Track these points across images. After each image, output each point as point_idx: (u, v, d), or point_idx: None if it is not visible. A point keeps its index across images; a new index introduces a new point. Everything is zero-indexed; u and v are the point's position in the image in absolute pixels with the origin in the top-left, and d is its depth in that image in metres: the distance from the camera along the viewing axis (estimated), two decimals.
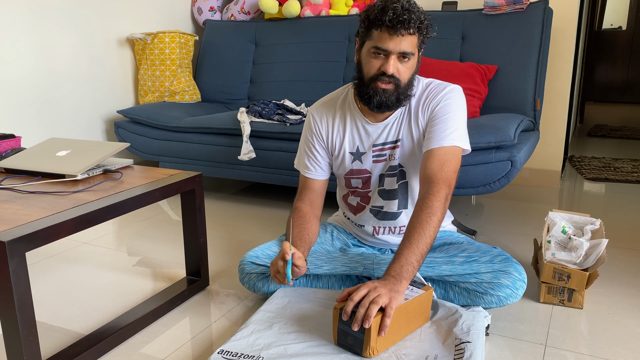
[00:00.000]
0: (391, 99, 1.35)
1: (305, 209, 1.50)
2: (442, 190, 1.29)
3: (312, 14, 3.00)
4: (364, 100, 1.38)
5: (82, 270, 1.78)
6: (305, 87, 2.90)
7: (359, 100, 1.42)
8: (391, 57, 1.30)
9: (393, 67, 1.31)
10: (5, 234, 1.04)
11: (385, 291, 1.13)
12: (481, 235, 2.07)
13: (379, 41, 1.30)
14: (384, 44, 1.29)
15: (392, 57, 1.30)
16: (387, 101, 1.35)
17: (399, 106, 1.39)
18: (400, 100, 1.37)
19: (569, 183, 2.90)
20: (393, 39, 1.28)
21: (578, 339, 1.33)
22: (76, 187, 1.38)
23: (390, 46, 1.29)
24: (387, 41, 1.29)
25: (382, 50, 1.30)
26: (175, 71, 2.95)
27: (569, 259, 1.47)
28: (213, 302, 1.55)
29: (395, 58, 1.31)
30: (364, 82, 1.36)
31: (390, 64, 1.30)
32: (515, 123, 2.02)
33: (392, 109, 1.39)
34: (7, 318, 1.05)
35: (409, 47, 1.30)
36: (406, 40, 1.29)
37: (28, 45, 2.43)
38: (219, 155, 2.46)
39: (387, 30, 1.28)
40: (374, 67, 1.33)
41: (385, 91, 1.34)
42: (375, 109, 1.38)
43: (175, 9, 3.26)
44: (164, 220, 2.30)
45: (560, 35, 2.67)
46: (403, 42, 1.29)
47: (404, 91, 1.36)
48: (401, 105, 1.39)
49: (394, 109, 1.40)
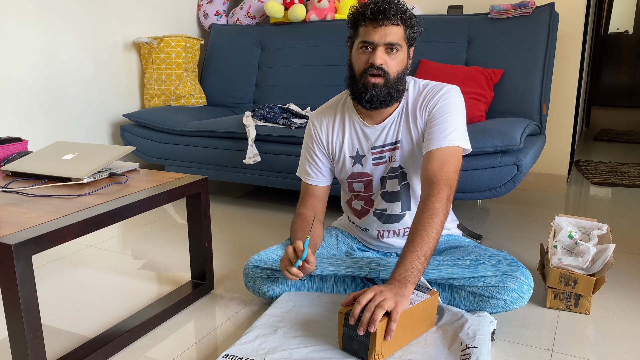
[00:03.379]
0: (382, 94, 1.35)
1: (308, 214, 1.50)
2: (443, 191, 1.28)
3: (318, 18, 3.00)
4: (356, 97, 1.39)
5: (88, 274, 1.78)
6: (311, 91, 2.91)
7: (352, 99, 1.43)
8: (378, 49, 1.32)
9: (380, 58, 1.32)
10: (11, 237, 1.04)
11: (390, 295, 1.13)
12: (487, 240, 2.06)
13: (364, 35, 1.33)
14: (369, 37, 1.32)
15: (378, 48, 1.32)
16: (377, 96, 1.35)
17: (391, 102, 1.39)
18: (391, 95, 1.37)
19: (575, 188, 2.89)
20: (377, 31, 1.31)
21: (585, 344, 1.32)
22: (82, 190, 1.39)
23: (376, 38, 1.31)
24: (371, 33, 1.32)
25: (368, 44, 1.33)
26: (181, 75, 2.96)
27: (576, 264, 1.46)
28: (218, 306, 1.55)
29: (382, 50, 1.33)
30: (356, 79, 1.38)
31: (377, 55, 1.32)
32: (521, 127, 2.01)
33: (384, 105, 1.39)
34: (13, 321, 1.06)
35: (395, 37, 1.32)
36: (391, 31, 1.31)
37: (35, 49, 2.45)
38: (225, 158, 2.46)
39: (371, 23, 1.31)
40: (363, 61, 1.35)
41: (376, 85, 1.34)
42: (367, 105, 1.38)
43: (182, 13, 3.28)
44: (169, 224, 2.31)
45: (566, 39, 2.67)
46: (387, 32, 1.31)
47: (394, 85, 1.36)
48: (393, 100, 1.39)
49: (386, 105, 1.39)
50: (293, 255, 1.29)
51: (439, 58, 2.57)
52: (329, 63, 2.89)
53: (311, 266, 1.31)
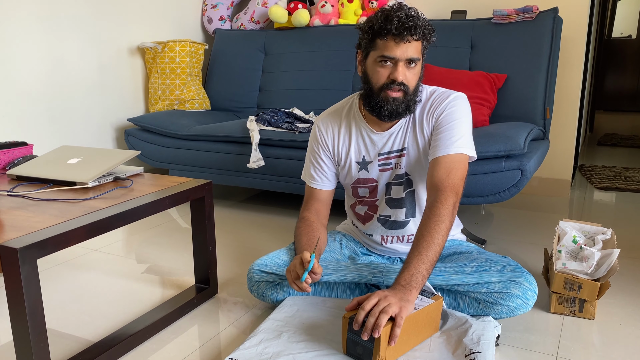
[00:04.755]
0: (401, 107, 1.35)
1: (312, 217, 1.51)
2: (449, 198, 1.28)
3: (321, 23, 3.01)
4: (374, 110, 1.38)
5: (92, 278, 1.79)
6: (314, 95, 2.91)
7: (368, 111, 1.42)
8: (399, 65, 1.31)
9: (402, 74, 1.31)
10: (17, 241, 1.05)
11: (395, 300, 1.13)
12: (491, 245, 2.06)
13: (385, 50, 1.31)
14: (391, 52, 1.30)
15: (400, 64, 1.31)
16: (397, 109, 1.35)
17: (408, 113, 1.40)
18: (409, 107, 1.37)
19: (579, 192, 2.88)
20: (400, 46, 1.29)
21: (589, 350, 1.32)
22: (87, 194, 1.39)
23: (398, 54, 1.30)
24: (393, 49, 1.30)
25: (389, 59, 1.31)
26: (185, 80, 2.97)
27: (580, 269, 1.45)
28: (222, 310, 1.55)
29: (403, 65, 1.32)
30: (373, 92, 1.36)
31: (399, 71, 1.31)
32: (525, 132, 2.01)
33: (402, 116, 1.40)
34: (18, 324, 1.06)
35: (415, 52, 1.31)
36: (412, 47, 1.30)
37: (40, 54, 2.46)
38: (228, 163, 2.47)
39: (394, 39, 1.29)
40: (383, 76, 1.34)
41: (396, 99, 1.34)
42: (386, 118, 1.38)
43: (186, 18, 3.29)
44: (174, 228, 2.31)
45: (570, 44, 2.67)
46: (409, 48, 1.30)
47: (412, 97, 1.37)
48: (410, 112, 1.40)
49: (403, 116, 1.40)
50: (300, 265, 1.29)
51: (442, 63, 2.58)
52: (333, 68, 2.90)
53: (317, 277, 1.31)
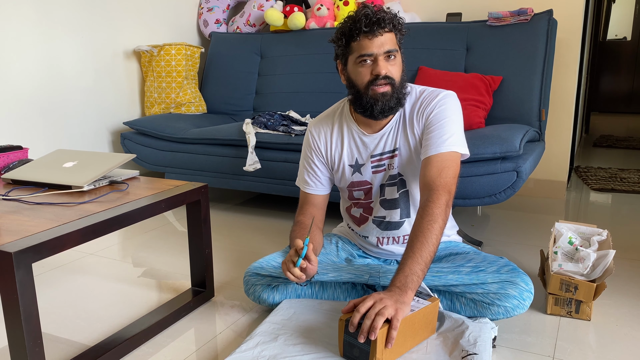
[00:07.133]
0: (392, 101, 1.36)
1: (307, 221, 1.50)
2: (442, 197, 1.28)
3: (317, 26, 3.02)
4: (366, 111, 1.39)
5: (88, 282, 1.78)
6: (310, 98, 2.91)
7: (360, 113, 1.42)
8: (379, 59, 1.32)
9: (384, 67, 1.33)
10: (11, 245, 1.04)
11: (391, 302, 1.13)
12: (487, 246, 2.06)
13: (361, 49, 1.33)
14: (367, 49, 1.32)
15: (379, 58, 1.32)
16: (389, 104, 1.36)
17: (400, 107, 1.40)
18: (400, 100, 1.38)
19: (575, 194, 2.89)
20: (374, 42, 1.31)
21: (586, 351, 1.32)
22: (82, 198, 1.39)
23: (374, 49, 1.32)
24: (369, 46, 1.32)
25: (367, 56, 1.33)
26: (181, 83, 2.97)
27: (576, 270, 1.46)
28: (218, 314, 1.54)
29: (383, 59, 1.33)
30: (361, 93, 1.37)
31: (381, 65, 1.32)
32: (520, 134, 2.02)
33: (395, 111, 1.40)
34: (13, 329, 1.06)
35: (391, 44, 1.33)
36: (386, 39, 1.32)
37: (35, 57, 2.46)
38: (225, 166, 2.47)
39: (366, 36, 1.31)
40: (366, 74, 1.35)
41: (385, 94, 1.34)
42: (380, 116, 1.39)
43: (182, 21, 3.29)
44: (170, 231, 2.30)
45: (564, 46, 2.68)
46: (384, 41, 1.32)
47: (400, 89, 1.37)
48: (401, 105, 1.40)
49: (396, 111, 1.41)
50: (294, 254, 1.29)
51: (438, 65, 2.58)
52: (329, 70, 2.90)
53: (313, 266, 1.30)
